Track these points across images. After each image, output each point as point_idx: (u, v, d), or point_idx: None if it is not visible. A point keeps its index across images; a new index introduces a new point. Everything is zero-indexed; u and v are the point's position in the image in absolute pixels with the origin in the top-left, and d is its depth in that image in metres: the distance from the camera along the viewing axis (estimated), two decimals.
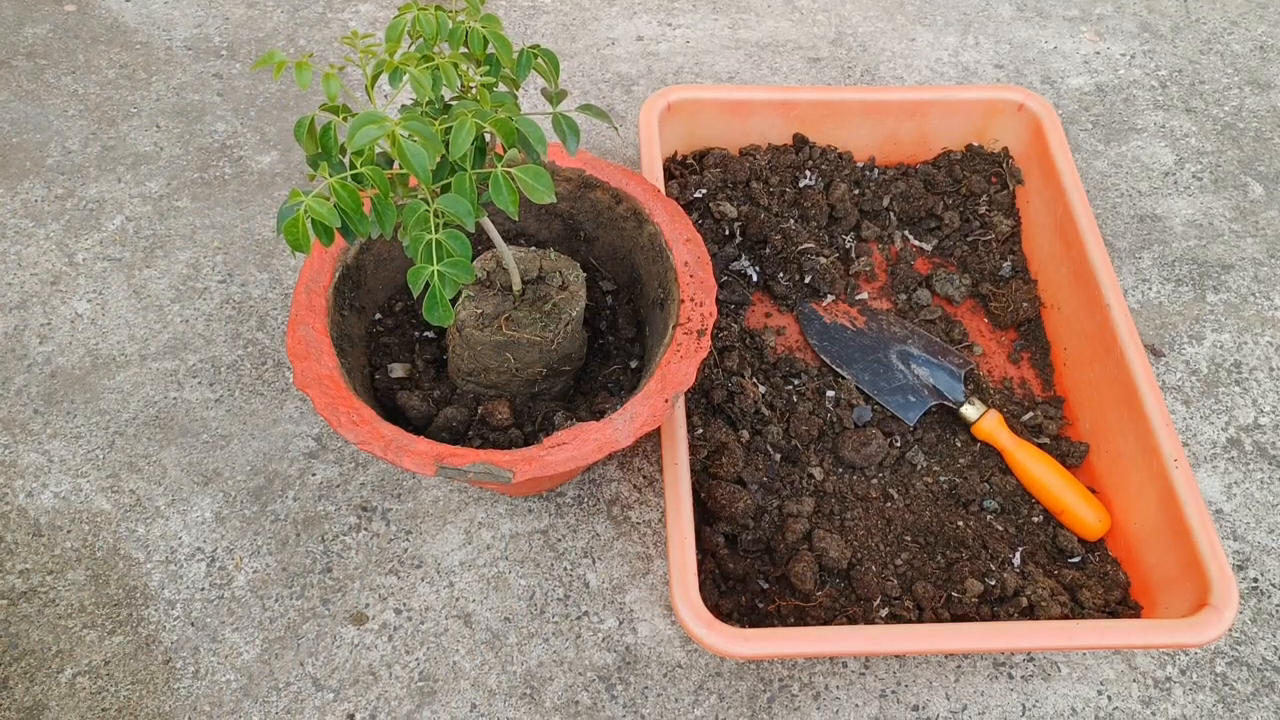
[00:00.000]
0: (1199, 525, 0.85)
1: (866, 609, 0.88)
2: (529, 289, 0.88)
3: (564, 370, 0.90)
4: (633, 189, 0.93)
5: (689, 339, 0.83)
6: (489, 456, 0.76)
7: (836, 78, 1.36)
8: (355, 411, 0.78)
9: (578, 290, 0.87)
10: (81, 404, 1.00)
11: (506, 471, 0.75)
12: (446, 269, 0.60)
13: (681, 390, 0.80)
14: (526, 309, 0.86)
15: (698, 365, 0.82)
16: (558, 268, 0.88)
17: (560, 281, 0.88)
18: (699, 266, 0.87)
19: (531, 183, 0.60)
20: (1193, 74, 1.41)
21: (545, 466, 0.76)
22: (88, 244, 1.11)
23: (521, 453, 0.76)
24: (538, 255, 0.89)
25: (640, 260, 0.95)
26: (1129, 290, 1.16)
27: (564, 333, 0.85)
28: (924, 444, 1.01)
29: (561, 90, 0.72)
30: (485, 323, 0.85)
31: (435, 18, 0.63)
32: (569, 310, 0.86)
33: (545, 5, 1.42)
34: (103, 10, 1.35)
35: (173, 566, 0.91)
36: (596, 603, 0.92)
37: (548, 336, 0.84)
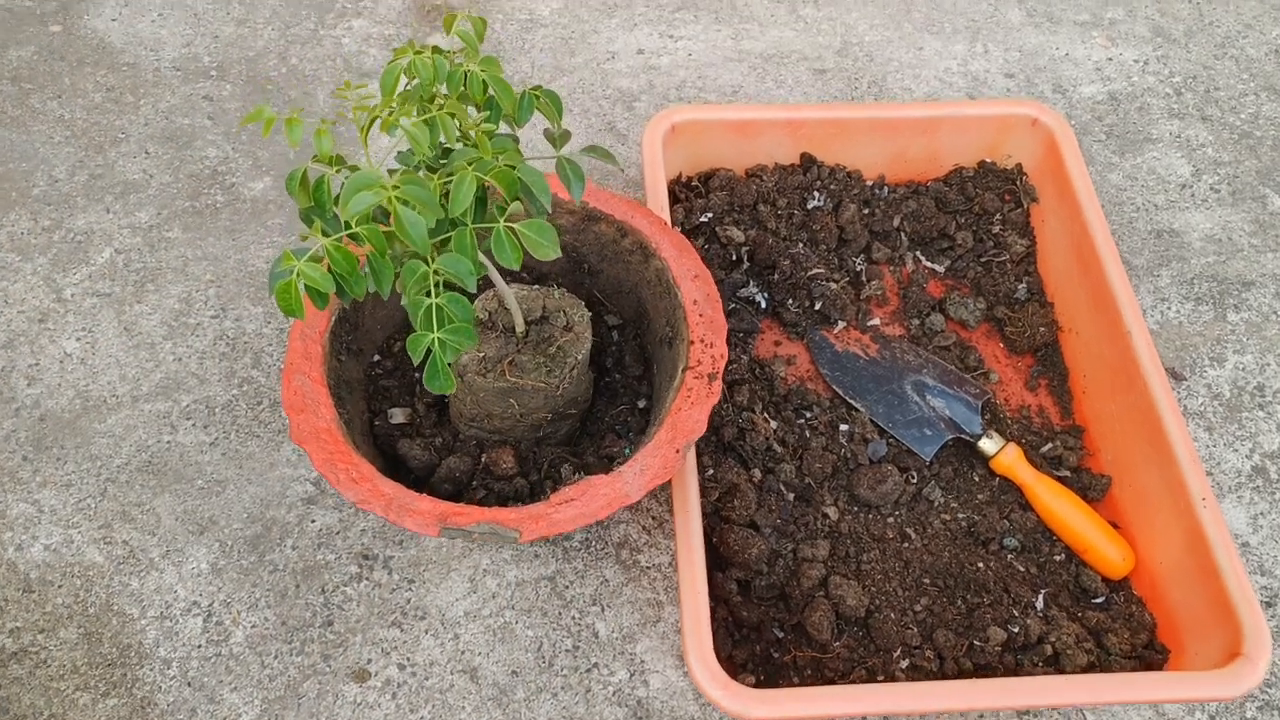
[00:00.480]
0: (1229, 569, 0.83)
1: (886, 660, 0.86)
2: (532, 330, 0.84)
3: (570, 414, 0.87)
4: (638, 222, 0.89)
5: (699, 383, 0.80)
6: (494, 515, 0.73)
7: (843, 89, 1.32)
8: (354, 468, 0.75)
9: (583, 331, 0.84)
10: (72, 449, 0.97)
11: (513, 531, 0.72)
12: (447, 336, 0.57)
13: (693, 439, 0.77)
14: (530, 352, 0.83)
15: (709, 411, 0.79)
16: (561, 307, 0.85)
17: (565, 322, 0.85)
18: (709, 305, 0.84)
19: (535, 238, 0.57)
20: (1207, 80, 1.37)
21: (553, 525, 0.73)
22: (76, 279, 1.08)
23: (528, 510, 0.73)
24: (541, 294, 0.86)
25: (647, 295, 0.92)
26: (1148, 310, 1.13)
27: (569, 377, 0.82)
28: (941, 479, 0.98)
29: (565, 131, 0.69)
30: (488, 368, 0.82)
31: (432, 62, 0.59)
32: (574, 353, 0.83)
33: (543, 19, 1.38)
34: (88, 31, 1.31)
35: (168, 622, 0.88)
36: (606, 653, 0.89)
37: (552, 382, 0.81)
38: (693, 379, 0.79)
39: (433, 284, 0.56)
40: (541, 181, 0.60)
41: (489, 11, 1.38)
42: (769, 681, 0.85)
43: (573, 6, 1.39)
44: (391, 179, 0.53)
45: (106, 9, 1.34)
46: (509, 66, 1.31)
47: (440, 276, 0.56)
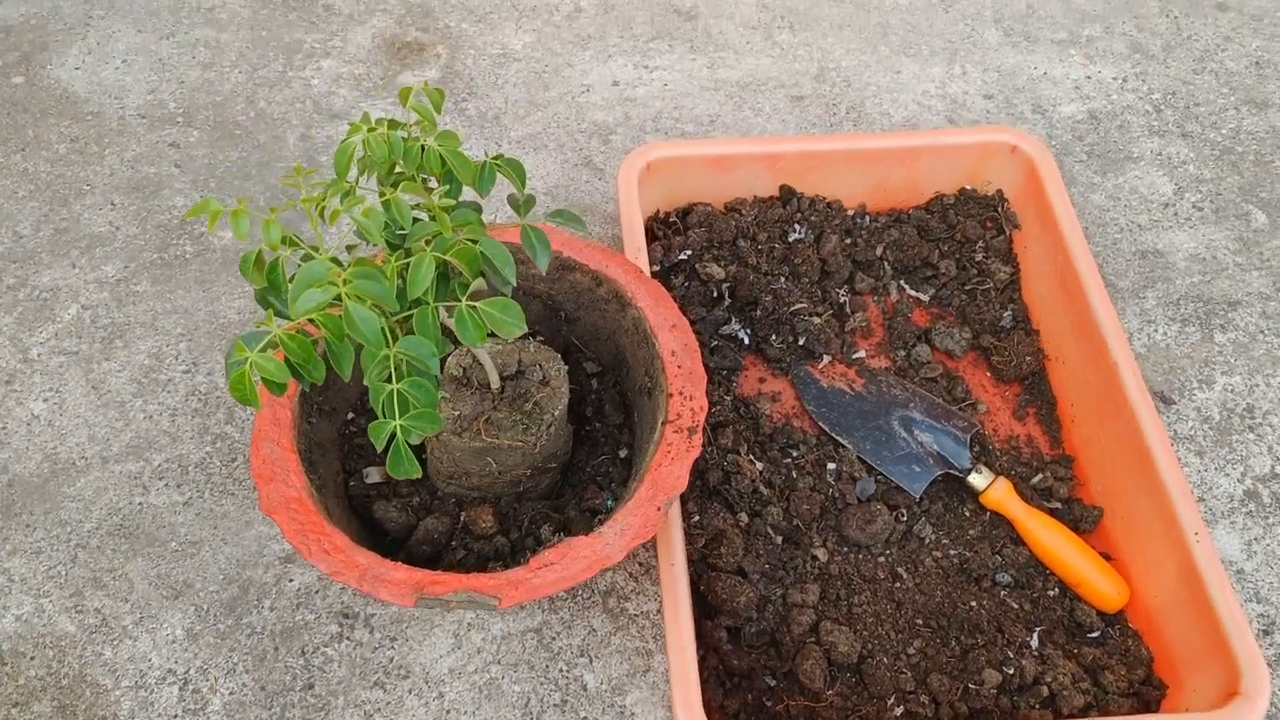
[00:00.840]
0: (1224, 606, 0.81)
1: (880, 707, 0.84)
2: (508, 385, 0.83)
3: (550, 468, 0.85)
4: (613, 271, 0.88)
5: (679, 437, 0.78)
6: (472, 583, 0.71)
7: (821, 115, 1.31)
8: (327, 539, 0.72)
9: (559, 385, 0.82)
10: (41, 515, 0.95)
11: (492, 599, 0.70)
12: (410, 423, 0.55)
13: (674, 495, 0.76)
14: (506, 409, 0.81)
15: (689, 466, 0.77)
16: (538, 360, 0.83)
17: (541, 376, 0.83)
18: (687, 355, 0.82)
19: (500, 316, 0.56)
20: (1187, 95, 1.36)
21: (533, 590, 0.71)
22: (42, 337, 1.06)
23: (506, 576, 0.71)
24: (516, 348, 0.84)
25: (625, 343, 0.90)
26: (1134, 333, 1.12)
27: (547, 434, 0.80)
28: (931, 515, 0.96)
29: (529, 196, 0.67)
30: (463, 426, 0.80)
31: (387, 139, 0.58)
32: (551, 409, 0.81)
33: (516, 53, 1.36)
34: (51, 81, 1.29)
35: (143, 692, 0.86)
36: (595, 707, 0.87)
37: (530, 440, 0.79)
38: (672, 433, 0.78)
39: (394, 367, 0.54)
40: (504, 254, 0.58)
41: (460, 47, 1.36)
42: None
43: (545, 40, 1.38)
44: (346, 268, 0.51)
45: (70, 58, 1.32)
46: (482, 102, 1.30)
47: (401, 359, 0.54)
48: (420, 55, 1.35)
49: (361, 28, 1.38)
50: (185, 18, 1.38)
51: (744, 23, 1.42)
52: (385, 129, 0.59)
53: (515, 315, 0.55)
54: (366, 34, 1.37)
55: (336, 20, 1.39)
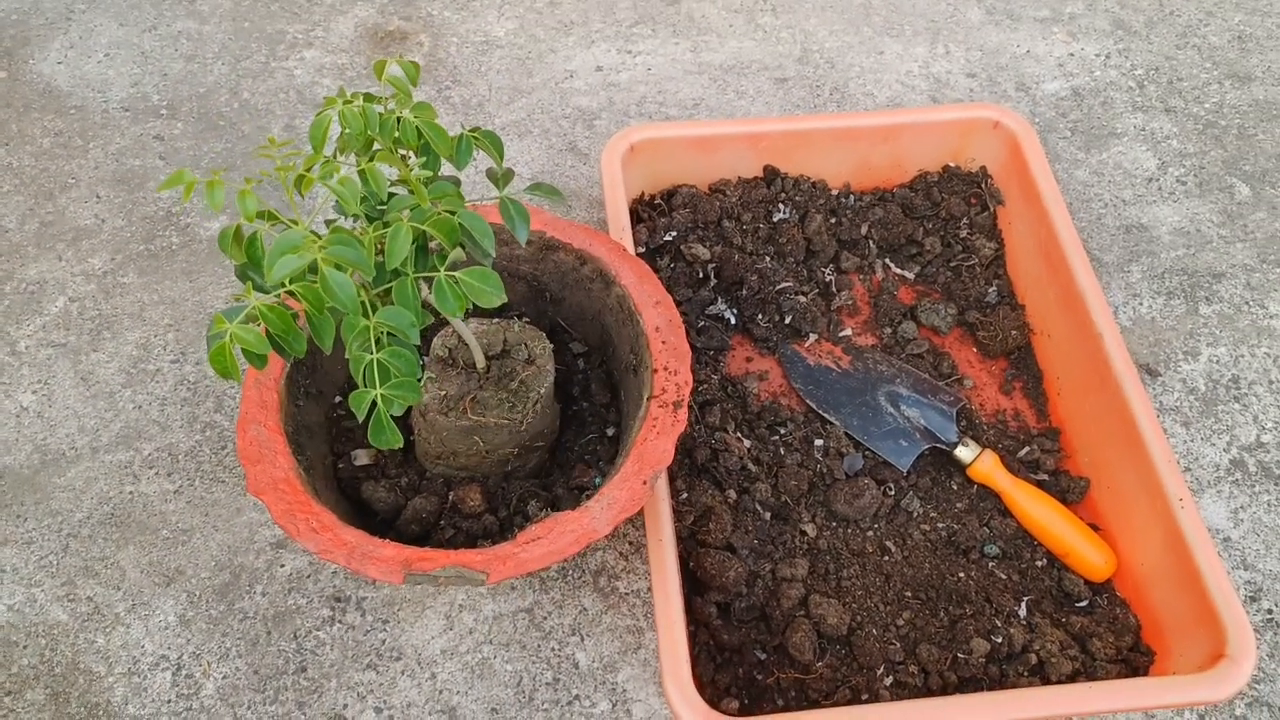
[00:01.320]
0: (1209, 571, 0.82)
1: (870, 678, 0.84)
2: (494, 365, 0.83)
3: (537, 446, 0.85)
4: (597, 249, 0.88)
5: (664, 412, 0.78)
6: (460, 559, 0.71)
7: (805, 97, 1.31)
8: (315, 518, 0.73)
9: (545, 364, 0.82)
10: (32, 506, 0.95)
11: (480, 574, 0.71)
12: (390, 392, 0.55)
13: (660, 469, 0.76)
14: (492, 388, 0.81)
15: (675, 440, 0.77)
16: (523, 340, 0.84)
17: (526, 355, 0.83)
18: (671, 331, 0.83)
19: (479, 286, 0.56)
20: (1170, 71, 1.37)
21: (521, 565, 0.71)
22: (29, 330, 1.06)
23: (494, 551, 0.72)
24: (501, 327, 0.84)
25: (610, 321, 0.91)
26: (1119, 307, 1.12)
27: (533, 411, 0.81)
28: (919, 489, 0.97)
29: (508, 171, 0.67)
30: (449, 406, 0.80)
31: (362, 111, 0.58)
32: (537, 387, 0.81)
33: (499, 40, 1.36)
34: (34, 75, 1.29)
35: (136, 678, 0.86)
36: (587, 685, 0.88)
37: (516, 418, 0.79)
38: (657, 408, 0.78)
39: (374, 338, 0.54)
40: (483, 225, 0.58)
41: (443, 35, 1.36)
42: (753, 704, 0.84)
43: (528, 26, 1.38)
44: (323, 237, 0.51)
45: (52, 52, 1.32)
46: (465, 90, 1.30)
47: (382, 330, 0.55)
48: (403, 44, 1.35)
49: (344, 17, 1.38)
50: (167, 10, 1.38)
51: (726, 6, 1.42)
52: (361, 102, 0.59)
53: (494, 284, 0.56)
54: (349, 23, 1.37)
55: (319, 10, 1.39)
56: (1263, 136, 1.29)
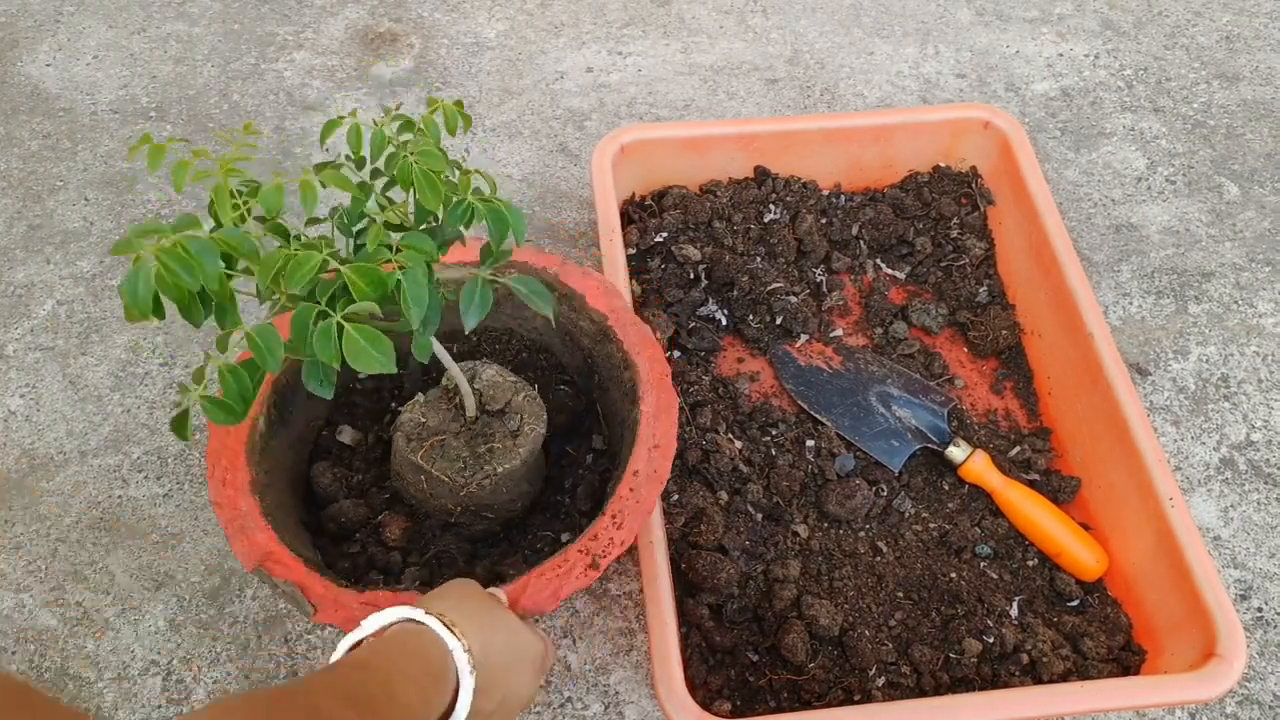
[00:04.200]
0: (1200, 570, 0.82)
1: (863, 678, 0.84)
2: (482, 419, 0.81)
3: (485, 517, 0.83)
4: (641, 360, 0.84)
5: (580, 559, 0.73)
6: (305, 581, 0.71)
7: (795, 98, 1.31)
8: (231, 473, 0.74)
9: (523, 446, 0.80)
10: (20, 510, 0.94)
11: (310, 606, 0.70)
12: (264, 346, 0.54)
13: (539, 614, 0.74)
14: (464, 440, 0.80)
15: (567, 594, 0.72)
16: (523, 411, 0.82)
17: (515, 427, 0.81)
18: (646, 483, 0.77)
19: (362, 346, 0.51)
20: (1159, 71, 1.37)
21: (349, 619, 0.69)
22: (17, 334, 1.05)
23: (338, 593, 0.70)
24: (514, 387, 0.82)
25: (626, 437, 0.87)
26: (1110, 306, 1.13)
27: (481, 484, 0.78)
28: (911, 490, 0.97)
29: (504, 251, 0.64)
30: (414, 436, 0.79)
31: (357, 130, 0.57)
32: (500, 462, 0.79)
33: (489, 41, 1.36)
34: (21, 78, 1.28)
35: (126, 683, 0.86)
36: (579, 687, 0.87)
37: (459, 481, 0.78)
38: (576, 552, 0.73)
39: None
40: (421, 295, 0.54)
41: (433, 36, 1.36)
42: (745, 706, 0.84)
43: (518, 28, 1.38)
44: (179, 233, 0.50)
45: (40, 54, 1.31)
46: (456, 91, 1.30)
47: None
48: (393, 45, 1.35)
49: (334, 19, 1.37)
50: (156, 12, 1.37)
51: (717, 7, 1.42)
52: (385, 121, 0.58)
53: (383, 350, 0.52)
54: (339, 25, 1.37)
55: (309, 12, 1.38)
56: (1251, 136, 1.29)
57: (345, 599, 0.70)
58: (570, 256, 1.14)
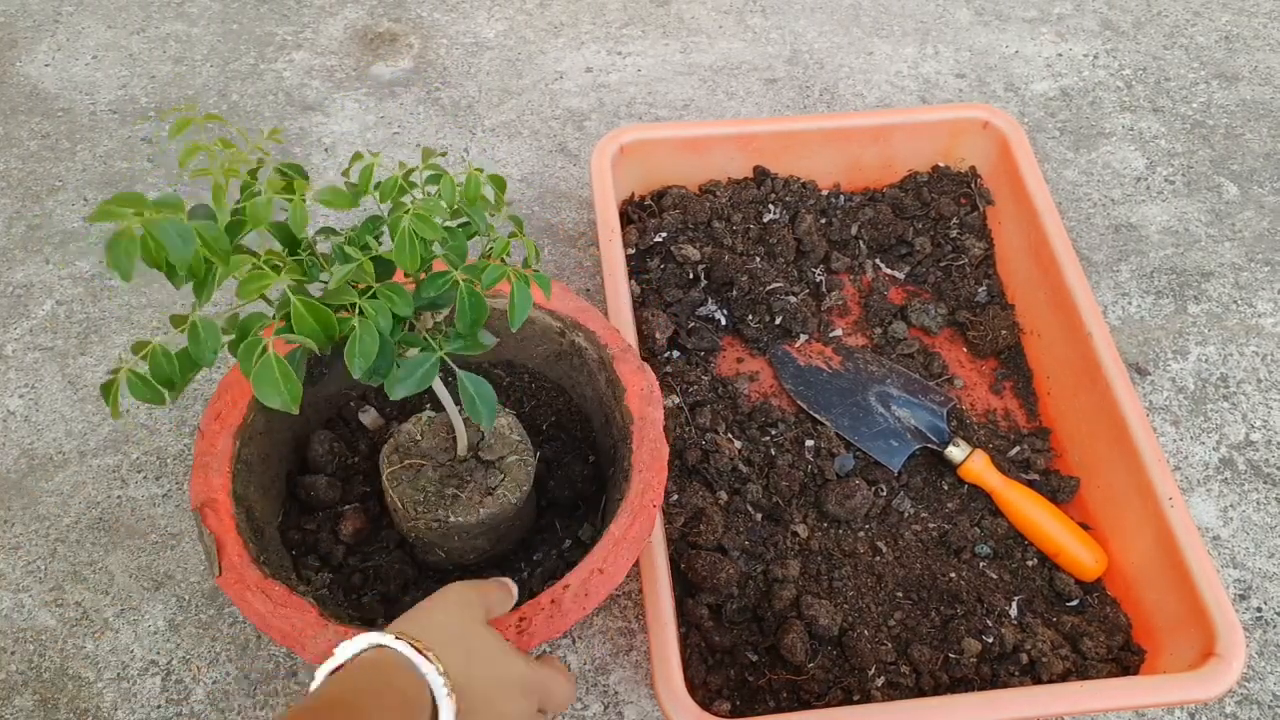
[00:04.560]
0: (1199, 570, 0.82)
1: (862, 679, 0.84)
2: (470, 463, 0.79)
3: (438, 553, 0.82)
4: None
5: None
6: (225, 541, 0.71)
7: (795, 98, 1.31)
8: (232, 410, 0.76)
9: (490, 507, 0.77)
10: (19, 510, 0.94)
11: (218, 567, 0.71)
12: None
13: None
14: (441, 475, 0.78)
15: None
16: (507, 472, 0.79)
17: (496, 483, 0.78)
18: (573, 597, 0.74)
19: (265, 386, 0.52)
20: (1158, 71, 1.37)
21: (243, 593, 0.70)
22: (16, 334, 1.05)
23: (246, 570, 0.71)
24: (515, 446, 0.80)
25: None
26: (1108, 306, 1.13)
27: (431, 525, 0.77)
28: (910, 489, 0.97)
29: (475, 342, 0.62)
30: (399, 450, 0.79)
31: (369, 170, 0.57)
32: (458, 515, 0.76)
33: (488, 41, 1.36)
34: (20, 78, 1.28)
35: (125, 684, 0.86)
36: (579, 687, 0.87)
37: (410, 514, 0.76)
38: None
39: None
40: (370, 349, 0.54)
41: (432, 36, 1.36)
42: (745, 706, 0.84)
43: (518, 28, 1.38)
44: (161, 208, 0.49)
45: (39, 55, 1.31)
46: (455, 91, 1.30)
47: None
48: (392, 45, 1.35)
49: (333, 19, 1.37)
50: (155, 12, 1.37)
51: (716, 7, 1.42)
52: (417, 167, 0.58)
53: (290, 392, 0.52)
54: (338, 25, 1.37)
55: (308, 12, 1.38)
56: (1250, 136, 1.29)
57: (250, 577, 0.70)
58: (569, 256, 1.14)
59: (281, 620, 0.69)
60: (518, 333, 0.90)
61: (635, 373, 0.82)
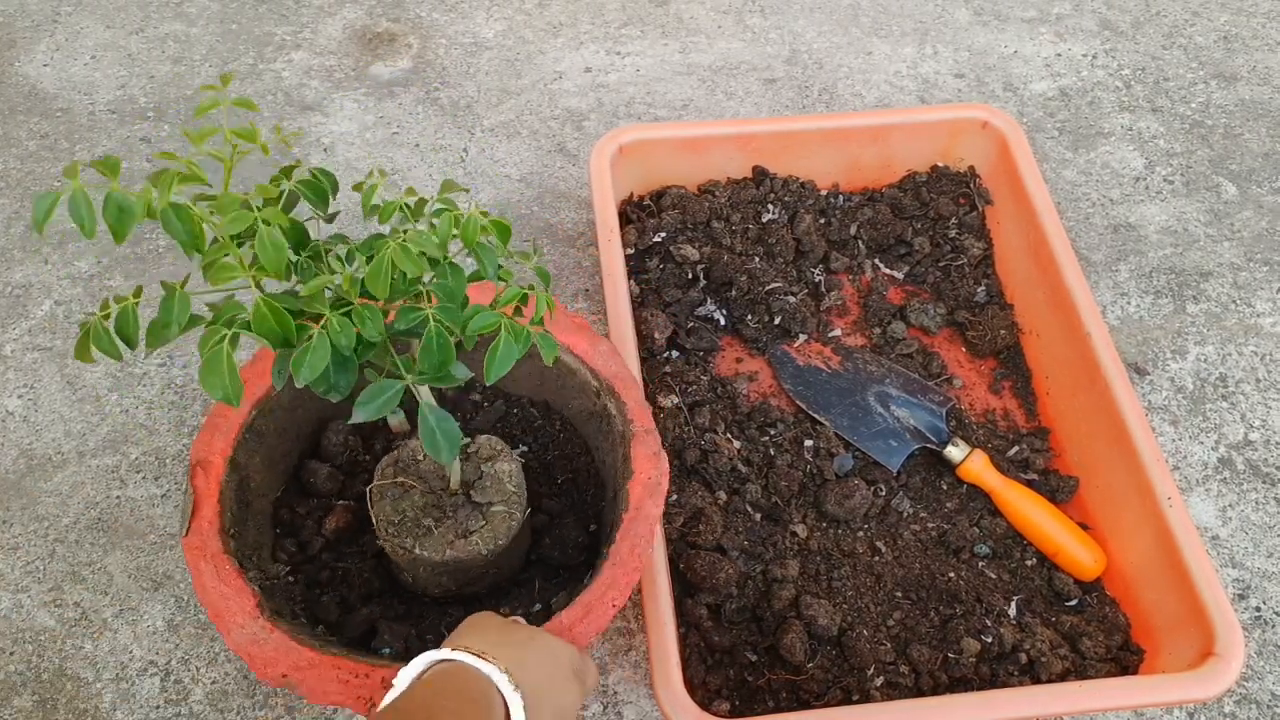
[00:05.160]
0: (1198, 569, 0.82)
1: (861, 679, 0.84)
2: (457, 499, 0.77)
3: (402, 577, 0.82)
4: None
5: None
6: (201, 503, 0.73)
7: (793, 98, 1.31)
8: (257, 378, 0.77)
9: (457, 551, 0.75)
10: (18, 511, 0.94)
11: (186, 526, 0.73)
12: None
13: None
14: (426, 502, 0.76)
15: None
16: (488, 521, 0.76)
17: (473, 527, 0.76)
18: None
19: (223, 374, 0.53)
20: (1156, 71, 1.37)
21: (199, 560, 0.71)
22: (15, 334, 1.05)
23: (210, 539, 0.72)
24: (507, 497, 0.77)
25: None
26: (1108, 306, 1.13)
27: (396, 550, 0.75)
28: (909, 489, 0.97)
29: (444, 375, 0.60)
30: (394, 465, 0.78)
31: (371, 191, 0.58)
32: (424, 549, 0.74)
33: (487, 41, 1.36)
34: (19, 78, 1.28)
35: (124, 684, 0.86)
36: None
37: (382, 533, 0.75)
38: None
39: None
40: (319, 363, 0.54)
41: (431, 36, 1.36)
42: (744, 706, 0.84)
43: (516, 28, 1.38)
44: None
45: (38, 55, 1.31)
46: (454, 91, 1.30)
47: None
48: (391, 45, 1.35)
49: (332, 19, 1.37)
50: (154, 13, 1.37)
51: (715, 7, 1.42)
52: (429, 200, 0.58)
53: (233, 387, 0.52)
54: (337, 25, 1.37)
55: (307, 12, 1.38)
56: (1249, 136, 1.30)
57: (212, 545, 0.72)
58: (568, 256, 1.14)
59: (219, 599, 0.70)
60: (560, 380, 0.88)
61: (649, 458, 0.78)
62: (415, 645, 0.79)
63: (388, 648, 0.78)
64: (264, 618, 0.70)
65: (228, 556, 0.72)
